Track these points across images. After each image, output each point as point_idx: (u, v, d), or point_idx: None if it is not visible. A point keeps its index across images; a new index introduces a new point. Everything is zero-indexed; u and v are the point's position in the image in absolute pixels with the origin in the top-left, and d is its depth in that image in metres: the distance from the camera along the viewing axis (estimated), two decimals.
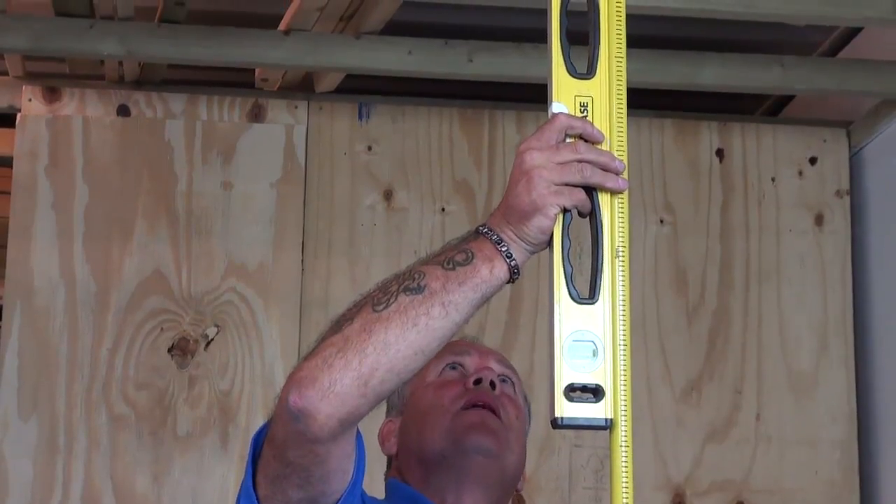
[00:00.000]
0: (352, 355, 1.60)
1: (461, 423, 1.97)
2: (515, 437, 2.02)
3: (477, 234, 1.65)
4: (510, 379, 2.07)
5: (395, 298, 1.61)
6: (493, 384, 2.00)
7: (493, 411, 1.99)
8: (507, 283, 1.63)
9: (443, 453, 1.97)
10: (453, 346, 2.04)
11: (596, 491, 3.33)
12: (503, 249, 1.62)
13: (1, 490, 3.20)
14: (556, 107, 1.63)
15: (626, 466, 1.54)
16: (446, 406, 1.99)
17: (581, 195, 1.60)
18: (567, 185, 1.60)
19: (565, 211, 1.60)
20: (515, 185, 1.61)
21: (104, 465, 3.23)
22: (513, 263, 1.62)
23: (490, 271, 1.61)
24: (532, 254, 1.63)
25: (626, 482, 1.54)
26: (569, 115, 1.62)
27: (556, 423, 1.56)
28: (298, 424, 1.62)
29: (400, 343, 1.60)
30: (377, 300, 1.63)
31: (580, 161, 1.60)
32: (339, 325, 1.65)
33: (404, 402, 2.05)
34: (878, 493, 3.37)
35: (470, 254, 1.62)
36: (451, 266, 1.62)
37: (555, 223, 1.60)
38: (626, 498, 1.53)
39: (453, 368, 2.05)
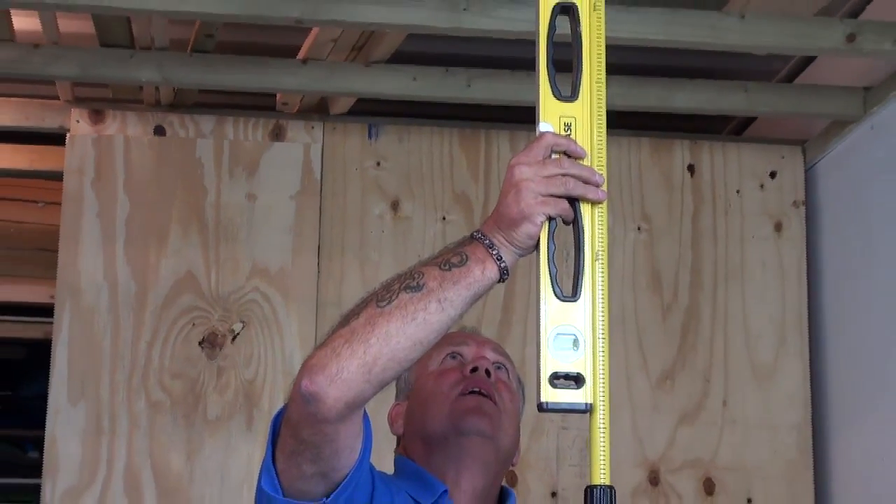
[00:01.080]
0: (357, 345, 1.60)
1: (459, 407, 1.95)
2: (509, 419, 2.00)
3: (471, 238, 1.64)
4: (504, 366, 2.06)
5: (397, 296, 1.61)
6: (488, 372, 1.99)
7: (489, 396, 1.97)
8: (498, 282, 1.63)
9: (443, 435, 1.95)
10: (453, 337, 2.03)
11: (581, 468, 3.32)
12: (494, 253, 1.61)
13: (53, 467, 3.20)
14: (543, 126, 1.63)
15: (603, 446, 1.54)
16: (446, 392, 1.97)
17: (565, 205, 1.60)
18: (552, 195, 1.59)
19: (550, 219, 1.60)
20: (506, 196, 1.61)
21: (143, 445, 3.23)
22: (503, 265, 1.61)
23: (482, 272, 1.61)
24: (520, 257, 1.63)
25: (604, 459, 1.53)
26: (554, 134, 1.62)
27: (542, 408, 1.56)
28: (310, 406, 1.62)
29: (400, 335, 1.60)
30: (381, 297, 1.62)
31: (564, 175, 1.59)
32: (347, 319, 1.64)
33: (410, 387, 2.04)
34: (829, 471, 3.36)
35: (464, 256, 1.62)
36: (447, 267, 1.62)
37: (541, 230, 1.60)
38: (604, 473, 1.53)
39: (453, 358, 2.03)
